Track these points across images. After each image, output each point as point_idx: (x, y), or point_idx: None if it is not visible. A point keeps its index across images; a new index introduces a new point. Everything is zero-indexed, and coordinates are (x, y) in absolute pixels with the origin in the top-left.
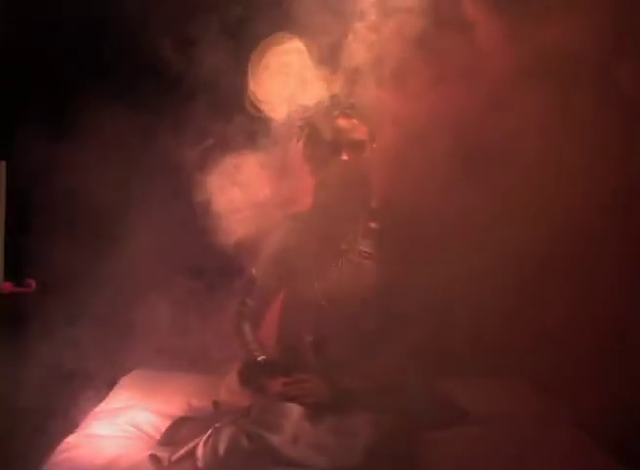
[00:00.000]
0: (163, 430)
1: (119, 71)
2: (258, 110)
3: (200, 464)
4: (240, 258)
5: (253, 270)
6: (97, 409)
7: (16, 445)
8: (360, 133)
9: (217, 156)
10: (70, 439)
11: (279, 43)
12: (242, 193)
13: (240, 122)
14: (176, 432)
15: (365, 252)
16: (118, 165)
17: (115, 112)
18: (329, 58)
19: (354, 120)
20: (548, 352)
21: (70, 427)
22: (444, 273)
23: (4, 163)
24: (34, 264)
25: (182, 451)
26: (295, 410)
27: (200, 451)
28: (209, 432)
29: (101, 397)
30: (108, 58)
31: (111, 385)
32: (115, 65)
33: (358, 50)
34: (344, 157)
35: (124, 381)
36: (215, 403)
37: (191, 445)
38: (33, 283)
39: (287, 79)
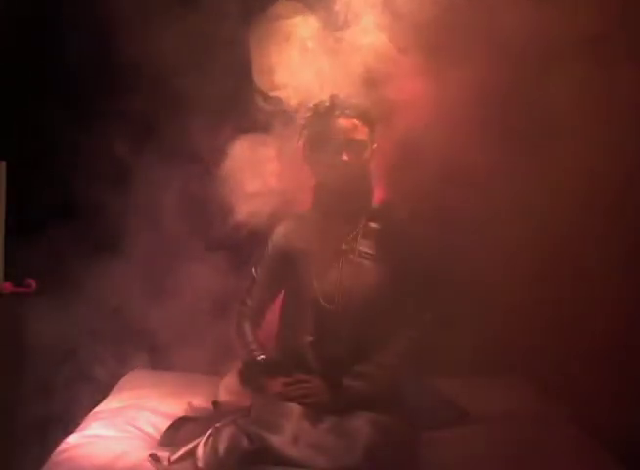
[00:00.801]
0: (163, 430)
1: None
2: (268, 96)
3: (200, 464)
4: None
5: (254, 270)
6: (97, 409)
7: (16, 445)
8: (361, 133)
9: (233, 140)
10: (70, 439)
11: (282, 16)
12: (259, 176)
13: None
14: (176, 432)
15: (365, 252)
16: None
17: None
18: (338, 26)
19: (355, 120)
20: (549, 352)
21: (70, 427)
22: (444, 273)
23: (4, 163)
24: (34, 264)
25: (182, 451)
26: (295, 410)
27: (200, 451)
28: (209, 432)
29: (101, 397)
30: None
31: (111, 385)
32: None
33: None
34: (345, 157)
35: (124, 381)
36: (215, 403)
37: (191, 445)
38: (33, 283)
39: (292, 57)
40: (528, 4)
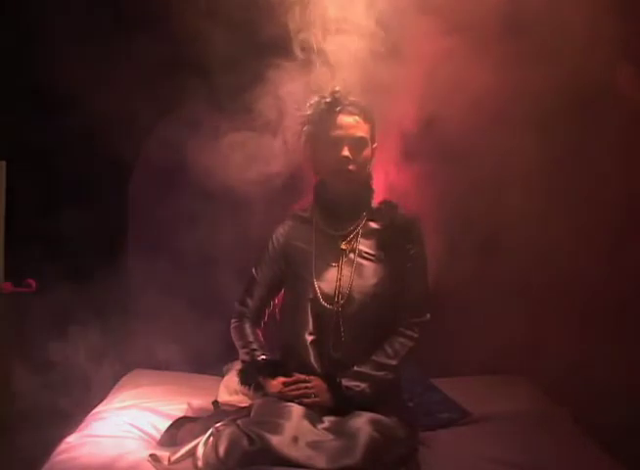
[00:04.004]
0: (163, 430)
1: None
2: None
3: (200, 464)
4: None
5: (254, 270)
6: (97, 409)
7: (16, 445)
8: (362, 130)
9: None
10: (70, 439)
11: None
12: None
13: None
14: (176, 432)
15: (365, 251)
16: None
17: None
18: None
19: (356, 117)
20: (549, 352)
21: (70, 427)
22: (444, 272)
23: (4, 163)
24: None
25: (182, 451)
26: (295, 410)
27: (200, 451)
28: (209, 432)
29: (101, 397)
30: None
31: (111, 385)
32: None
33: None
34: (346, 153)
35: (124, 381)
36: (215, 403)
37: (191, 445)
38: (33, 283)
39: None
40: None
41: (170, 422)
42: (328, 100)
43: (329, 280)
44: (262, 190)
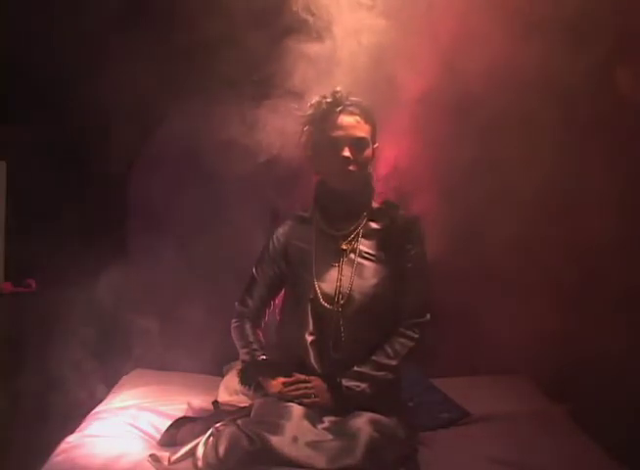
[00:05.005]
0: (163, 430)
1: None
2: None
3: (200, 464)
4: None
5: (254, 270)
6: (97, 409)
7: (16, 444)
8: (362, 131)
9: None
10: (70, 439)
11: None
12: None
13: None
14: (176, 432)
15: (365, 252)
16: None
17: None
18: None
19: (357, 117)
20: (549, 352)
21: (71, 427)
22: (443, 273)
23: (4, 163)
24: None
25: (182, 451)
26: (295, 410)
27: (200, 451)
28: (209, 432)
29: (101, 397)
30: None
31: (111, 385)
32: None
33: None
34: (346, 153)
35: (124, 381)
36: (215, 403)
37: (191, 445)
38: (33, 283)
39: None
40: None
41: (170, 422)
42: (329, 100)
43: (329, 280)
44: (269, 185)
